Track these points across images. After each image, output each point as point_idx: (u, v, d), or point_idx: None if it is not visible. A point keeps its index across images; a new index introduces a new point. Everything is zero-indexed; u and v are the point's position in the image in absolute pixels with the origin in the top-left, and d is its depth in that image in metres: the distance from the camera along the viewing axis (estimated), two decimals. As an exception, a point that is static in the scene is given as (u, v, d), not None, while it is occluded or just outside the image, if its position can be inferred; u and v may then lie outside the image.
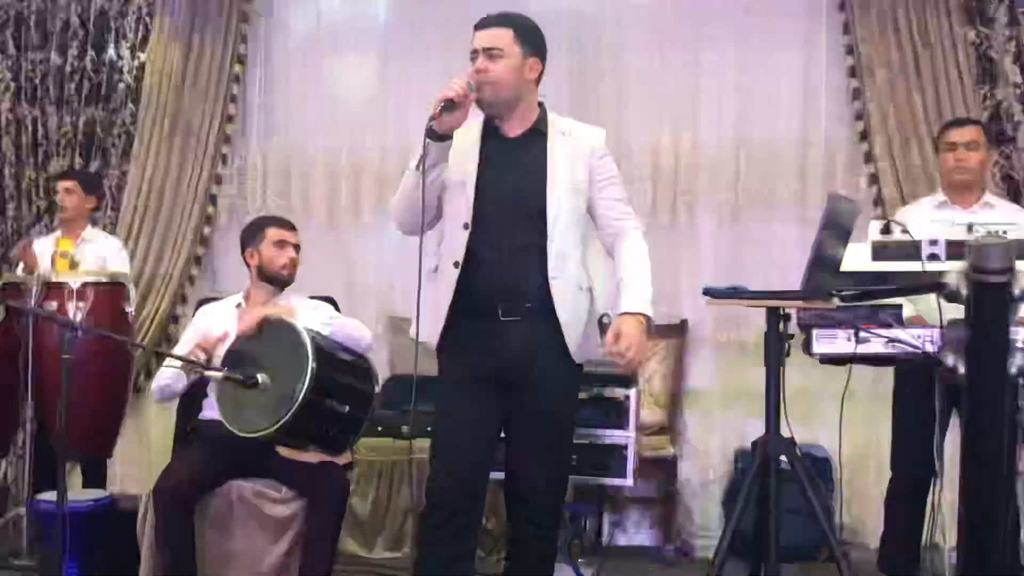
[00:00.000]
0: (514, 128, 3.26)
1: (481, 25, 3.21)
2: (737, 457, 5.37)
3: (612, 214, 3.26)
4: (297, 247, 4.08)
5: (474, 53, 3.17)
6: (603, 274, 3.36)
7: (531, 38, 3.24)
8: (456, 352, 3.26)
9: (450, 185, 3.21)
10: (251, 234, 4.10)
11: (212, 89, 5.87)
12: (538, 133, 3.26)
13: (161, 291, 5.84)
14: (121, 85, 5.94)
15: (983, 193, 4.37)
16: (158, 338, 5.78)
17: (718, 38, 5.62)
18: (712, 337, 5.63)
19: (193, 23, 5.89)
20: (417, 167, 3.10)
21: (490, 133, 3.27)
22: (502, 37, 3.18)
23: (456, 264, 3.16)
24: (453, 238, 3.19)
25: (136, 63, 5.92)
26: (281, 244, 4.04)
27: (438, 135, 3.07)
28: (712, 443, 5.60)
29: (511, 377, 3.20)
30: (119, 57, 5.93)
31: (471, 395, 3.20)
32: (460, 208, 3.18)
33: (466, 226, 3.16)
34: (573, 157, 3.23)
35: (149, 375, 5.87)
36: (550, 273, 3.16)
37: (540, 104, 3.33)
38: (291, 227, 4.15)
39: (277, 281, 4.02)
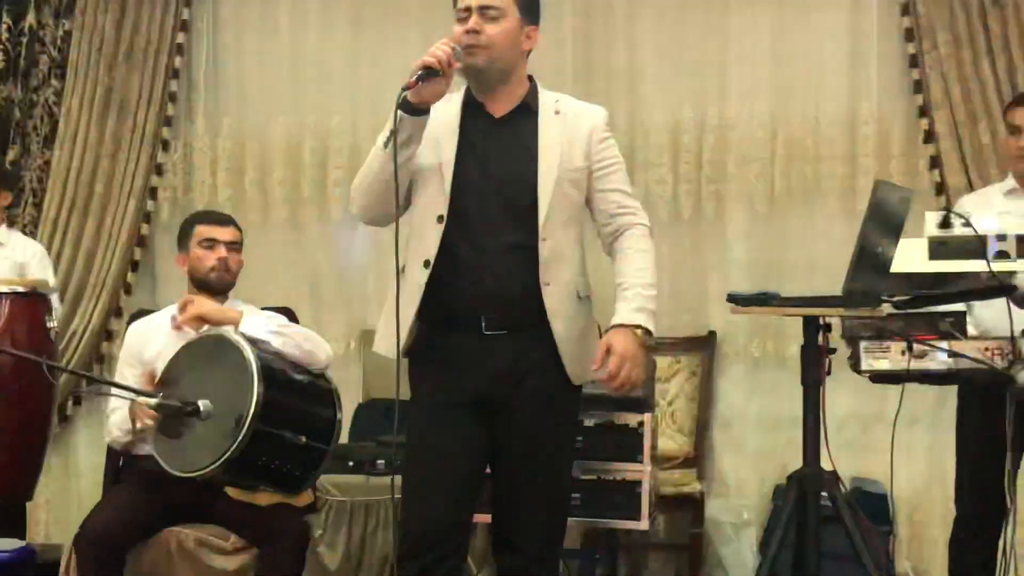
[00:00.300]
0: (501, 106, 3.24)
1: None
2: (776, 494, 5.34)
3: (611, 208, 3.24)
4: (234, 245, 4.06)
5: (464, 11, 3.15)
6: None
7: (532, 2, 3.24)
8: (430, 371, 3.23)
9: (422, 170, 3.18)
10: (181, 234, 4.12)
11: (150, 62, 5.85)
12: (527, 111, 3.24)
13: (92, 302, 5.82)
14: (43, 58, 5.92)
15: (1061, 179, 4.35)
16: (88, 358, 5.76)
17: (747, -1, 5.59)
18: (745, 351, 5.61)
19: (128, -18, 5.89)
20: (386, 144, 3.07)
21: (472, 110, 3.25)
22: None
23: (427, 263, 3.14)
24: (424, 233, 3.17)
25: (61, 32, 5.90)
26: (210, 243, 4.03)
27: (413, 107, 3.04)
28: (747, 478, 5.58)
29: (497, 401, 3.18)
30: (40, 25, 5.92)
31: (449, 423, 3.17)
32: (434, 198, 3.15)
33: (440, 219, 3.13)
34: (569, 140, 3.21)
35: (78, 402, 5.88)
36: (542, 278, 3.14)
37: (530, 78, 3.30)
38: (223, 221, 4.15)
39: (207, 288, 4.00)
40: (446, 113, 3.22)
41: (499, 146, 3.21)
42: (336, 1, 5.92)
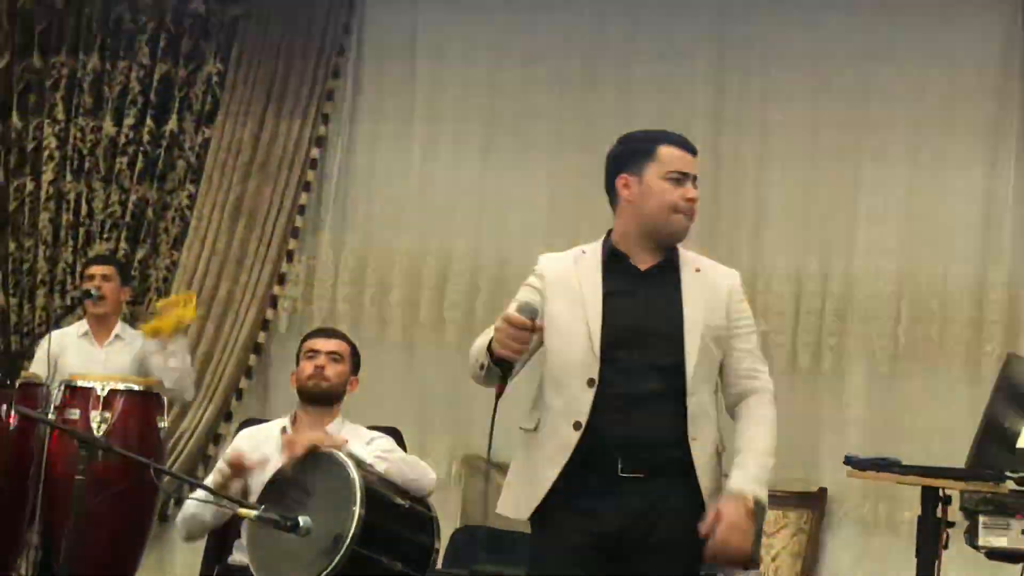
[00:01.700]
0: (647, 259, 3.25)
1: (690, 149, 3.23)
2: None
3: (742, 370, 3.21)
4: (335, 355, 4.09)
5: (682, 176, 3.18)
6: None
7: None
8: (558, 513, 3.18)
9: (560, 326, 3.17)
10: (297, 352, 4.16)
11: (284, 173, 6.02)
12: (671, 266, 3.25)
13: (204, 404, 5.91)
14: (181, 162, 6.13)
15: None
16: (194, 460, 5.82)
17: (883, 151, 5.58)
18: (857, 513, 5.46)
19: (269, 97, 6.08)
20: (481, 367, 3.07)
21: (614, 261, 3.25)
22: (698, 167, 3.22)
23: (578, 426, 3.10)
24: (572, 395, 3.12)
25: (200, 139, 6.11)
26: (312, 354, 4.08)
27: (497, 359, 3.01)
28: (847, 646, 5.39)
29: (625, 543, 3.12)
30: (181, 131, 6.14)
31: (579, 562, 3.12)
32: (581, 359, 3.12)
33: (592, 383, 3.10)
34: (711, 297, 3.21)
35: (179, 502, 5.89)
36: (690, 432, 3.10)
37: None
38: (329, 334, 4.21)
39: (306, 397, 4.02)
40: (585, 268, 3.23)
41: (646, 299, 3.19)
42: (468, 127, 6.03)
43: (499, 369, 2.95)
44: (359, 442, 3.82)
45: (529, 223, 5.75)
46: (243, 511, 3.44)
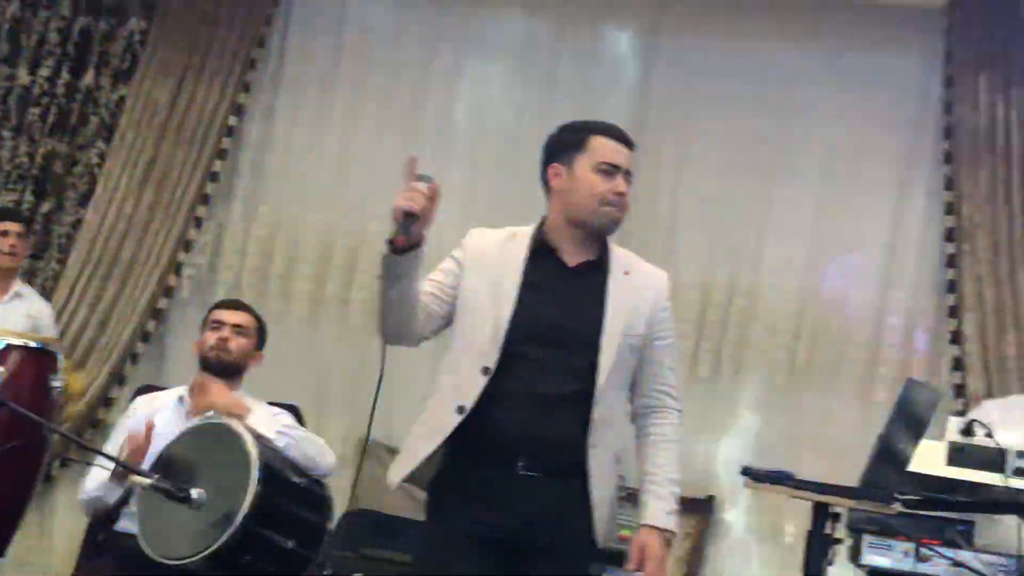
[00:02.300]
0: (576, 256, 3.23)
1: (623, 139, 3.21)
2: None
3: (660, 383, 3.22)
4: (240, 328, 4.06)
5: (613, 168, 3.16)
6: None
7: None
8: (454, 502, 3.16)
9: (475, 309, 3.14)
10: (203, 320, 4.12)
11: (199, 138, 5.93)
12: (600, 266, 3.22)
13: (98, 367, 5.80)
14: (94, 118, 6.02)
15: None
16: (84, 421, 5.72)
17: (797, 171, 5.68)
18: (743, 521, 5.55)
19: (190, 60, 5.99)
20: (380, 279, 3.02)
21: (542, 254, 3.22)
22: (634, 162, 3.22)
23: (461, 409, 3.08)
24: (464, 377, 3.09)
25: (116, 96, 6.00)
26: (217, 325, 4.06)
27: (394, 246, 2.96)
28: (726, 653, 5.48)
29: (517, 542, 3.11)
30: (97, 86, 6.02)
31: (469, 555, 3.10)
32: (482, 346, 3.09)
33: (486, 371, 3.08)
34: (635, 304, 3.18)
35: (65, 464, 5.80)
36: (590, 439, 3.09)
37: None
38: (236, 307, 4.19)
39: (206, 367, 3.99)
40: (509, 255, 3.19)
41: (569, 297, 3.17)
42: (391, 109, 6.00)
43: (404, 224, 2.88)
44: (261, 413, 3.79)
45: (446, 210, 5.68)
46: (136, 478, 3.40)
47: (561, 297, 3.16)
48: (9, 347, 4.55)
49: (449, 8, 6.00)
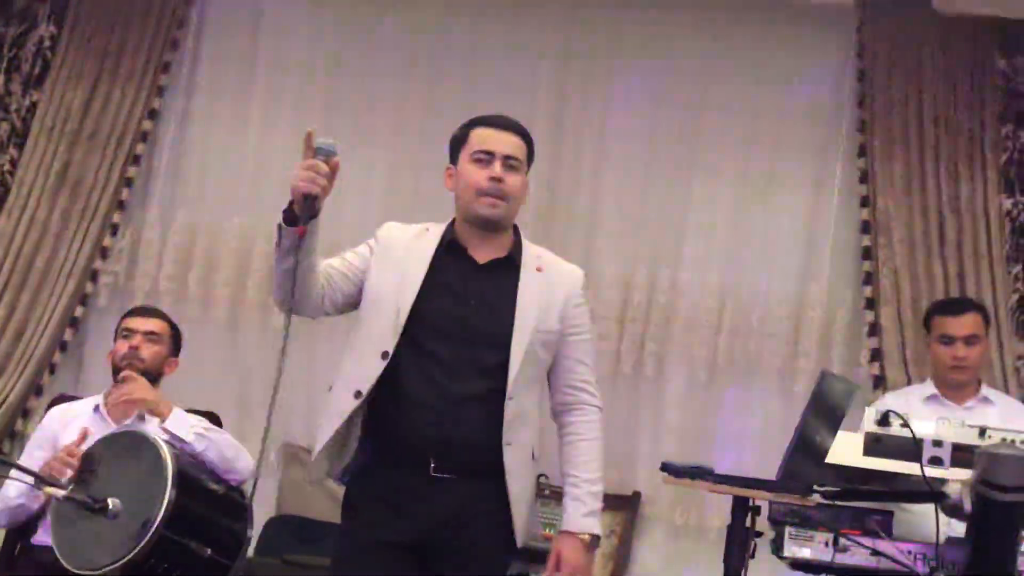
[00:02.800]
0: (485, 253, 3.20)
1: (500, 125, 3.20)
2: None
3: (572, 379, 3.21)
4: (152, 335, 4.01)
5: (487, 155, 3.13)
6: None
7: (532, 158, 3.28)
8: (369, 505, 3.14)
9: (377, 296, 3.13)
10: (116, 329, 4.07)
11: (113, 144, 5.83)
12: (511, 263, 3.21)
13: (14, 377, 5.69)
14: (4, 124, 5.90)
15: (980, 386, 4.41)
16: (1, 433, 5.61)
17: (714, 167, 5.70)
18: (667, 517, 5.56)
19: (103, 65, 5.89)
20: (277, 246, 2.99)
21: (452, 251, 3.20)
22: (521, 149, 3.19)
23: (358, 394, 3.07)
24: (363, 363, 3.10)
25: (27, 102, 5.89)
26: (127, 334, 4.02)
27: (291, 219, 2.94)
28: (653, 650, 5.49)
29: (433, 545, 3.09)
30: (7, 92, 5.91)
31: (380, 563, 3.07)
32: (382, 331, 3.09)
33: (385, 355, 3.06)
34: (547, 300, 3.17)
35: (-10, 477, 5.69)
36: (504, 437, 3.08)
37: (515, 228, 3.29)
38: (147, 313, 4.16)
39: (119, 376, 3.93)
40: (418, 248, 3.18)
41: (478, 295, 3.15)
42: (307, 112, 5.90)
43: (305, 204, 2.87)
44: (181, 413, 3.76)
45: (364, 212, 5.66)
46: (50, 490, 3.35)
47: (470, 294, 3.14)
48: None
49: (362, 7, 5.94)
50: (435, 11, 5.91)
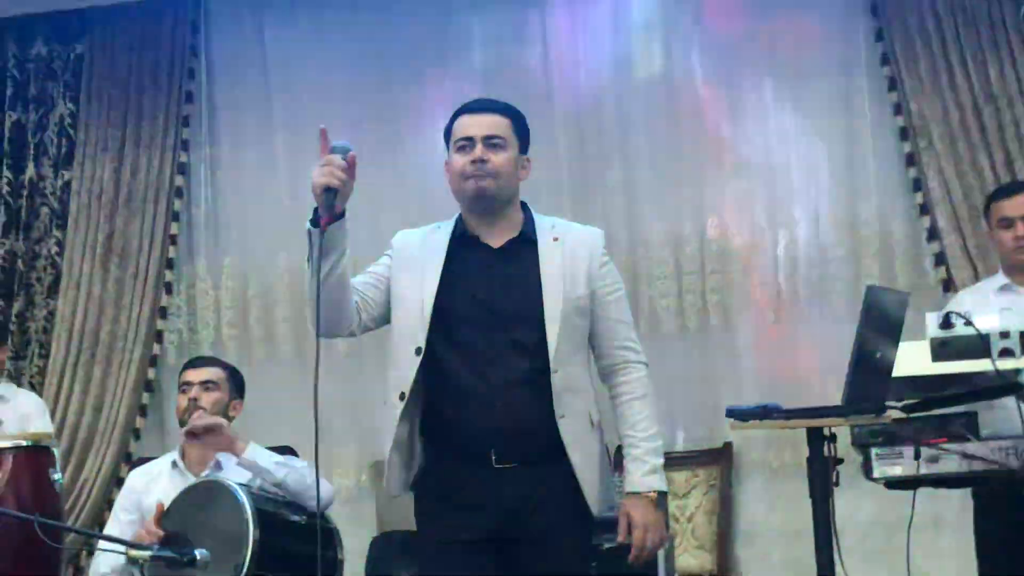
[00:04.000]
0: (498, 237, 3.20)
1: (476, 108, 3.21)
2: (805, 607, 5.20)
3: (614, 339, 3.19)
4: (208, 384, 4.03)
5: (466, 141, 3.14)
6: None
7: (526, 133, 3.26)
8: (437, 507, 3.15)
9: (401, 298, 3.16)
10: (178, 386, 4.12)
11: (150, 206, 5.91)
12: (526, 241, 3.20)
13: (102, 450, 5.79)
14: (44, 209, 6.00)
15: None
16: (99, 506, 5.71)
17: (740, 105, 5.64)
18: (763, 462, 5.51)
19: (125, 131, 5.97)
20: (309, 261, 3.00)
21: (466, 242, 3.21)
22: (502, 125, 3.18)
23: (402, 396, 3.09)
24: (400, 364, 3.12)
25: (60, 182, 5.98)
26: (185, 387, 4.05)
27: (317, 221, 2.97)
28: (775, 591, 5.44)
29: (511, 535, 3.09)
30: (40, 177, 6.01)
31: (460, 563, 3.08)
32: (412, 329, 3.11)
33: (419, 351, 3.08)
34: (570, 267, 3.16)
35: (92, 552, 5.79)
36: (556, 410, 3.07)
37: (524, 206, 3.28)
38: (198, 364, 4.18)
39: (189, 431, 3.97)
40: (432, 243, 3.20)
41: (501, 278, 3.16)
42: (330, 133, 5.91)
43: (325, 198, 2.91)
44: (257, 446, 3.80)
45: (402, 222, 5.66)
46: (134, 552, 3.38)
47: (493, 279, 3.15)
48: (1, 451, 4.58)
49: (362, 24, 5.97)
50: (437, 7, 5.90)
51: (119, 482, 5.77)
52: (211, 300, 6.00)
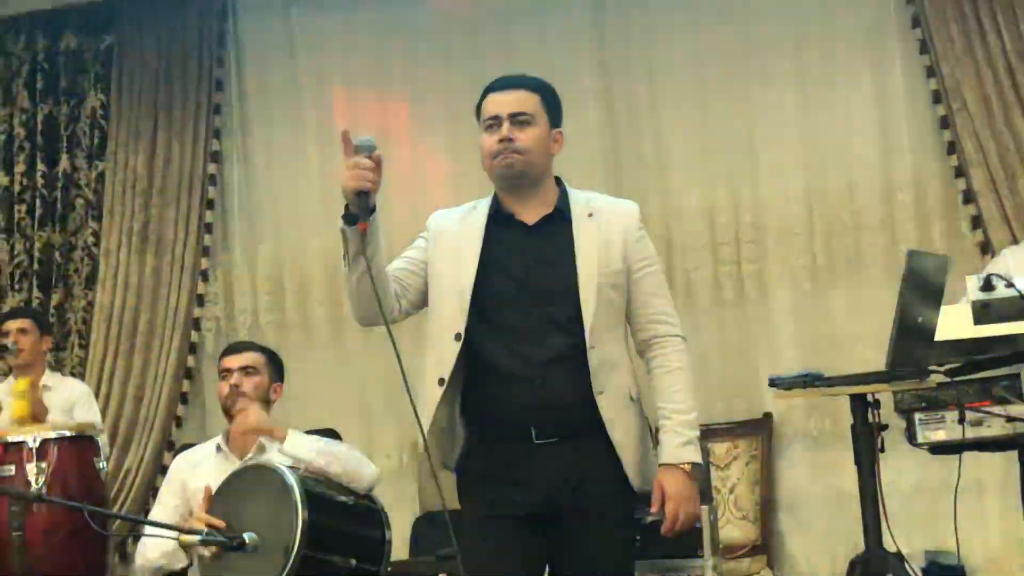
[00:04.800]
0: (532, 213, 3.19)
1: (501, 86, 3.17)
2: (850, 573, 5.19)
3: (650, 312, 3.17)
4: (248, 369, 4.04)
5: (493, 120, 3.13)
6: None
7: (556, 107, 3.22)
8: (480, 484, 3.16)
9: (440, 283, 3.15)
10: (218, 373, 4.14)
11: (184, 194, 5.96)
12: (561, 217, 3.20)
13: (144, 438, 5.85)
14: (79, 200, 6.05)
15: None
16: (144, 494, 5.76)
17: (771, 73, 5.61)
18: (804, 431, 5.50)
19: (156, 120, 6.01)
20: (345, 261, 3.02)
21: (501, 221, 3.20)
22: (530, 101, 3.14)
23: (440, 382, 3.09)
24: (440, 349, 3.12)
25: (95, 173, 6.02)
26: (225, 374, 4.06)
27: (351, 217, 2.95)
28: (819, 560, 5.43)
29: (553, 510, 3.10)
30: (74, 169, 6.05)
31: (504, 538, 3.08)
32: (451, 315, 3.10)
33: (458, 337, 3.07)
34: (605, 242, 3.15)
35: (138, 538, 5.83)
36: (594, 386, 3.07)
37: (558, 181, 3.27)
38: (237, 349, 4.16)
39: (230, 416, 3.99)
40: (469, 225, 3.18)
41: (536, 256, 3.15)
42: (360, 116, 5.96)
43: (359, 201, 2.90)
44: (297, 435, 3.80)
45: (436, 202, 5.69)
46: (185, 538, 3.40)
47: (527, 257, 3.13)
48: (46, 442, 4.64)
49: (387, 10, 5.96)
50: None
51: (163, 469, 5.84)
52: (247, 287, 6.04)
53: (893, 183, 5.43)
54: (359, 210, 2.91)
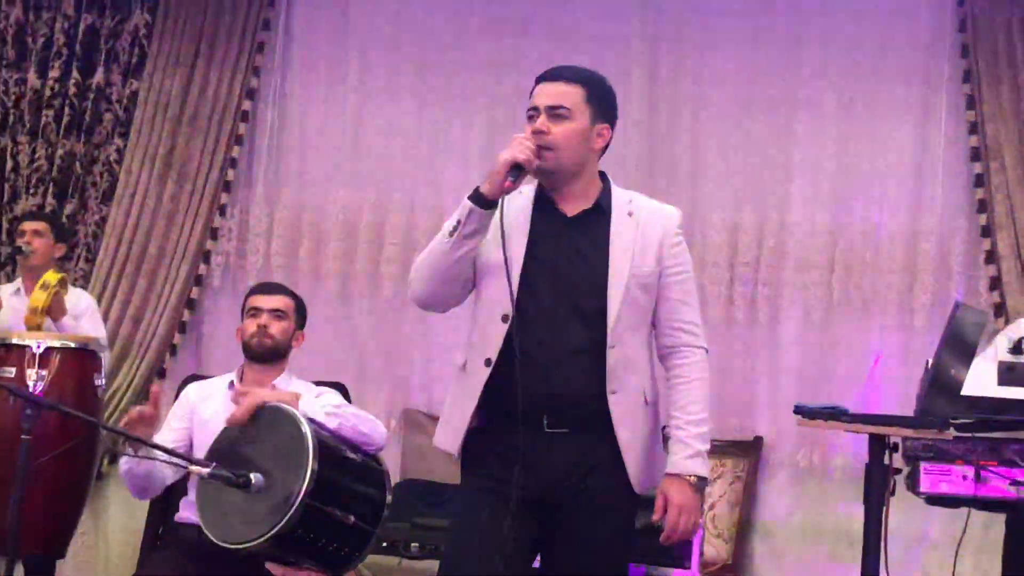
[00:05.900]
0: (573, 205, 3.19)
1: (547, 77, 3.17)
2: (813, 609, 5.27)
3: (676, 320, 3.18)
4: (278, 312, 4.05)
5: (533, 110, 3.14)
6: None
7: (604, 101, 3.19)
8: (485, 463, 3.18)
9: (488, 264, 3.16)
10: (242, 307, 4.13)
11: (215, 127, 5.93)
12: (600, 211, 3.21)
13: (137, 361, 5.84)
14: (108, 115, 6.01)
15: None
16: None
17: (816, 102, 5.64)
18: (790, 460, 5.56)
19: (198, 49, 5.98)
20: (452, 232, 3.05)
21: (543, 207, 3.21)
22: (570, 95, 3.12)
23: (488, 362, 3.09)
24: (488, 330, 3.12)
25: (128, 91, 5.99)
26: (254, 312, 4.05)
27: (485, 200, 3.04)
28: (784, 589, 5.50)
29: (552, 499, 3.12)
30: (108, 83, 6.01)
31: (498, 510, 3.10)
32: (499, 295, 3.09)
33: (505, 318, 3.08)
34: (641, 243, 3.15)
35: (114, 460, 5.84)
36: (608, 385, 3.09)
37: (602, 175, 3.28)
38: (271, 290, 4.18)
39: (251, 355, 4.00)
40: (516, 207, 3.18)
41: (570, 247, 3.15)
42: (402, 78, 5.97)
43: (512, 173, 2.96)
44: (309, 397, 3.80)
45: (465, 174, 5.73)
46: (195, 468, 3.41)
47: (562, 248, 3.14)
48: (50, 349, 4.63)
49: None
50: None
51: (147, 395, 5.83)
52: (263, 228, 6.03)
53: (919, 231, 5.49)
54: (496, 184, 2.96)
